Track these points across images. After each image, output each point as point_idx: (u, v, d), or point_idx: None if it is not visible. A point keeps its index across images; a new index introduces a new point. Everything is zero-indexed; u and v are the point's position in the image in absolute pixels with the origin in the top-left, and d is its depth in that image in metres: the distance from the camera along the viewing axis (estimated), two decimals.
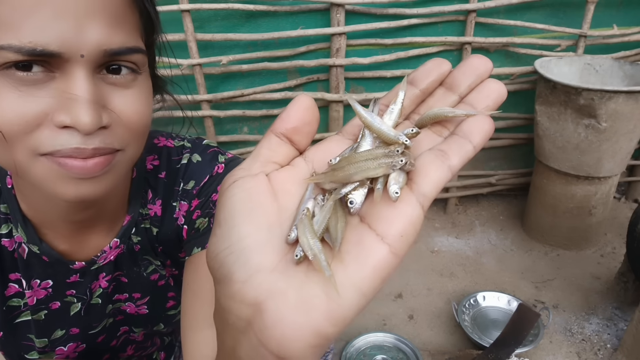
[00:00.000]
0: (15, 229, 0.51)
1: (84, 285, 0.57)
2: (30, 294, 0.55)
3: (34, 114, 0.37)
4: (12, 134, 0.37)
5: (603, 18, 1.64)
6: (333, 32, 1.47)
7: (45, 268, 0.54)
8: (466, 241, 1.74)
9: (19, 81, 0.36)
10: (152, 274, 0.61)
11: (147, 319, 0.64)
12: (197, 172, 0.57)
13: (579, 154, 1.47)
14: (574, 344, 1.27)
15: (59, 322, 0.58)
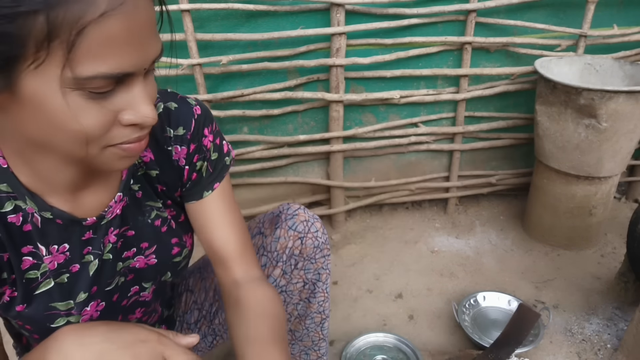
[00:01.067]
0: (23, 202, 0.55)
1: (97, 240, 0.62)
2: (50, 259, 0.59)
3: (110, 120, 0.46)
4: (93, 138, 0.46)
5: (603, 18, 1.64)
6: (333, 32, 1.47)
7: (60, 232, 0.58)
8: (466, 241, 1.74)
9: (98, 97, 0.44)
10: (155, 219, 0.67)
11: (156, 269, 0.70)
12: (182, 118, 0.64)
13: (579, 154, 1.47)
14: (574, 344, 1.27)
15: (80, 284, 0.62)
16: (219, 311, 0.90)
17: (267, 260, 0.83)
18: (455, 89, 1.68)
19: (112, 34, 0.41)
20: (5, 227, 0.54)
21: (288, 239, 0.81)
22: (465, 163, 1.85)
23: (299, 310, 0.90)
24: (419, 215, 1.90)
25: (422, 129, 1.73)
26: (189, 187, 0.68)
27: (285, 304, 0.88)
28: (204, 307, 0.91)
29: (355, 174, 1.81)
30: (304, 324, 0.93)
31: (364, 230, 1.81)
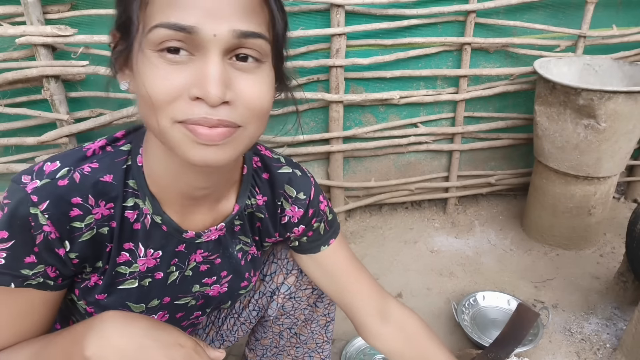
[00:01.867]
0: (143, 202, 0.59)
1: (185, 255, 0.66)
2: (144, 261, 0.63)
3: (176, 87, 0.46)
4: (158, 102, 0.47)
5: (602, 18, 1.64)
6: (333, 32, 1.47)
7: (161, 238, 0.62)
8: (466, 241, 1.74)
9: (170, 61, 0.46)
10: (239, 251, 0.72)
11: (223, 297, 0.75)
12: (303, 185, 0.72)
13: (579, 154, 1.47)
14: (573, 344, 1.27)
15: (157, 291, 0.66)
16: (227, 317, 0.91)
17: (278, 268, 0.85)
18: (455, 89, 1.68)
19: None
20: (121, 220, 0.59)
21: None
22: (464, 163, 1.85)
23: (305, 314, 0.91)
24: (418, 215, 1.90)
25: (422, 129, 1.73)
26: (307, 242, 0.76)
27: (293, 309, 0.89)
28: (212, 312, 0.92)
29: (355, 174, 1.81)
30: (310, 327, 0.94)
31: (363, 230, 1.81)
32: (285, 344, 0.96)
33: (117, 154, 0.58)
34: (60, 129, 1.43)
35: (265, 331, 0.95)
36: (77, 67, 1.35)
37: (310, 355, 0.99)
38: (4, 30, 1.29)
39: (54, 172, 0.54)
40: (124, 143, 0.59)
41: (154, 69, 0.46)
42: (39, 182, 0.53)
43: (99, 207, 0.57)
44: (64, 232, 0.55)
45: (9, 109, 1.40)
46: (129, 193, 0.58)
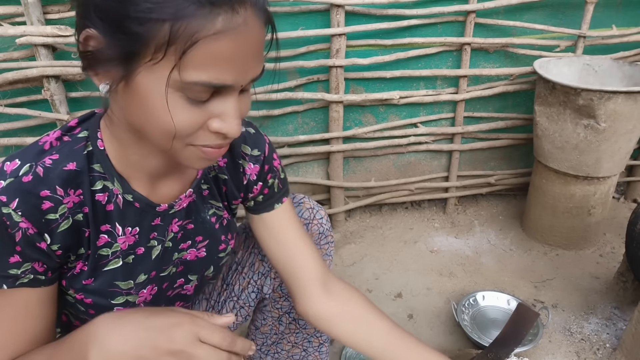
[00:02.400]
0: (111, 184, 0.61)
1: (163, 228, 0.68)
2: (124, 239, 0.64)
3: (200, 122, 0.51)
4: (180, 135, 0.51)
5: (602, 19, 1.64)
6: (333, 32, 1.47)
7: (136, 215, 0.64)
8: (465, 241, 1.74)
9: (195, 100, 0.49)
10: (212, 216, 0.73)
11: (203, 262, 0.75)
12: (258, 142, 0.73)
13: (578, 154, 1.47)
14: (573, 344, 1.28)
15: (142, 266, 0.67)
16: (227, 300, 0.93)
17: None
18: (455, 89, 1.68)
19: (220, 50, 0.46)
20: (92, 204, 0.60)
21: None
22: (464, 163, 1.85)
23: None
24: (418, 215, 1.90)
25: (422, 129, 1.73)
26: (262, 201, 0.76)
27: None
28: (212, 296, 0.94)
29: (355, 174, 1.81)
30: None
31: (363, 230, 1.82)
32: (284, 330, 0.97)
33: (76, 142, 0.59)
34: None
35: (265, 317, 0.96)
36: (77, 67, 1.35)
37: (310, 340, 1.00)
38: (5, 30, 1.29)
39: (16, 170, 0.54)
40: (80, 131, 0.60)
41: (176, 106, 0.49)
42: (3, 182, 0.53)
43: (69, 195, 0.57)
44: (40, 225, 0.55)
45: (9, 109, 1.40)
46: (95, 177, 0.59)
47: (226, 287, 0.92)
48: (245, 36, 0.48)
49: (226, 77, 0.48)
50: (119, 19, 0.46)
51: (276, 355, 1.01)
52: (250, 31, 0.48)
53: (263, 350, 1.01)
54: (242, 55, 0.48)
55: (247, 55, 0.49)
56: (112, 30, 0.47)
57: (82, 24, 0.49)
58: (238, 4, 0.46)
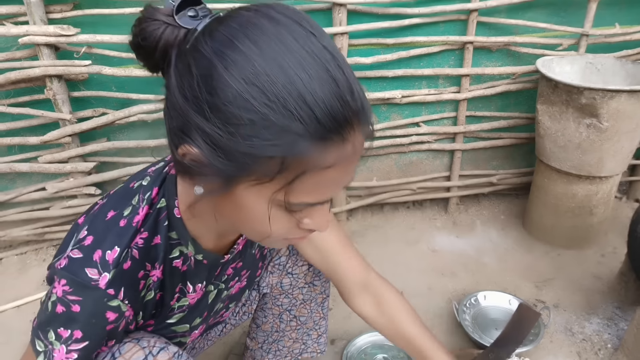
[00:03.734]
0: (186, 248, 0.62)
1: (222, 274, 0.71)
2: (193, 296, 0.67)
3: (294, 225, 0.53)
4: (276, 236, 0.53)
5: (605, 17, 1.63)
6: (335, 31, 1.47)
7: (204, 271, 0.67)
8: (467, 240, 1.74)
9: (293, 212, 0.51)
10: (256, 249, 0.77)
11: (243, 290, 0.80)
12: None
13: (581, 154, 1.47)
14: (574, 344, 1.27)
15: (199, 311, 0.71)
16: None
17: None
18: (457, 88, 1.68)
19: (328, 178, 0.47)
20: (170, 270, 0.62)
21: None
22: (466, 162, 1.85)
23: (304, 294, 0.94)
24: (420, 215, 1.90)
25: (424, 128, 1.73)
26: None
27: (291, 287, 0.92)
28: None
29: (356, 174, 1.81)
30: (309, 307, 0.97)
31: (365, 230, 1.82)
32: (285, 328, 0.98)
33: (158, 214, 0.59)
34: (63, 128, 1.44)
35: (266, 315, 0.97)
36: (80, 66, 1.36)
37: (309, 334, 1.02)
38: (7, 29, 1.29)
39: (117, 259, 0.54)
40: (158, 199, 0.60)
41: (274, 216, 0.50)
42: (108, 274, 0.53)
43: (155, 269, 0.60)
44: (137, 307, 0.58)
45: (12, 109, 1.41)
46: (173, 245, 0.61)
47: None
48: (353, 160, 0.48)
49: (329, 196, 0.50)
50: (228, 149, 0.44)
51: (277, 353, 1.02)
52: (357, 153, 0.48)
53: (264, 349, 1.02)
54: (347, 177, 0.49)
55: (351, 173, 0.50)
56: (217, 155, 0.44)
57: (180, 136, 0.46)
58: (348, 133, 0.45)
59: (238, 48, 0.42)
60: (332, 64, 0.43)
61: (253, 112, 0.42)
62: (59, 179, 1.55)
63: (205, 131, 0.44)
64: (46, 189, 1.52)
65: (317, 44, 0.44)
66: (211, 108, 0.43)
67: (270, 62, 0.42)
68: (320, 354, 1.05)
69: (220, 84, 0.42)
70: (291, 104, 0.42)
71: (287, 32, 0.43)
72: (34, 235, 1.64)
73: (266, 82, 0.41)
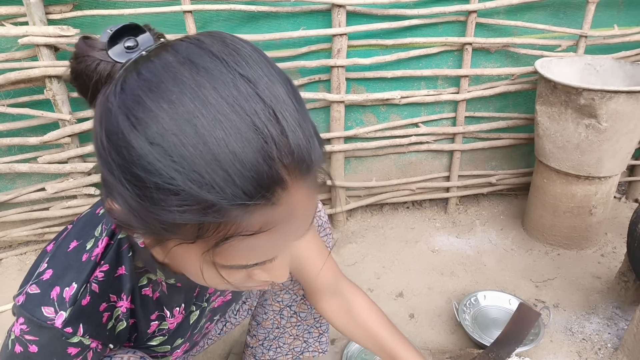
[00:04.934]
0: (154, 274, 0.61)
1: (201, 294, 0.69)
2: (172, 320, 0.66)
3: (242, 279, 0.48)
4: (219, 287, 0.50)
5: (604, 18, 1.64)
6: (334, 32, 1.48)
7: (179, 294, 0.65)
8: (467, 240, 1.74)
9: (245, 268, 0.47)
10: None
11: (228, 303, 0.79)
12: None
13: (580, 154, 1.47)
14: (574, 343, 1.28)
15: (181, 332, 0.69)
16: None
17: None
18: (456, 89, 1.68)
19: (262, 243, 0.42)
20: (141, 299, 0.60)
21: None
22: (465, 163, 1.85)
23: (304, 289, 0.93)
24: (419, 215, 1.90)
25: (423, 129, 1.73)
26: None
27: (292, 283, 0.92)
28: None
29: (356, 174, 1.81)
30: (309, 304, 0.96)
31: (364, 230, 1.82)
32: (285, 324, 0.98)
33: (119, 245, 0.57)
34: (63, 128, 1.44)
35: (266, 312, 0.97)
36: None
37: (310, 331, 1.01)
38: (7, 30, 1.30)
39: (74, 296, 0.52)
40: (119, 230, 0.57)
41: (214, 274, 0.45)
42: (65, 313, 0.51)
43: (122, 300, 0.58)
44: (105, 338, 0.56)
45: (11, 109, 1.41)
46: (140, 274, 0.59)
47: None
48: (293, 218, 0.42)
49: (268, 255, 0.45)
50: (140, 212, 0.40)
51: (278, 350, 1.03)
52: (300, 209, 0.42)
53: (265, 346, 1.02)
54: (292, 233, 0.44)
55: (298, 228, 0.44)
56: (133, 216, 0.41)
57: (106, 189, 0.43)
58: (279, 195, 0.39)
59: (145, 104, 0.37)
60: (261, 115, 0.37)
61: (157, 175, 0.37)
62: (59, 180, 1.55)
63: (118, 191, 0.40)
64: (46, 189, 1.52)
65: (246, 91, 0.38)
66: (119, 167, 0.39)
67: (180, 120, 0.36)
68: (322, 353, 1.05)
69: (124, 143, 0.38)
70: (201, 167, 0.36)
71: (208, 79, 0.37)
72: (34, 236, 1.64)
73: (173, 142, 0.36)
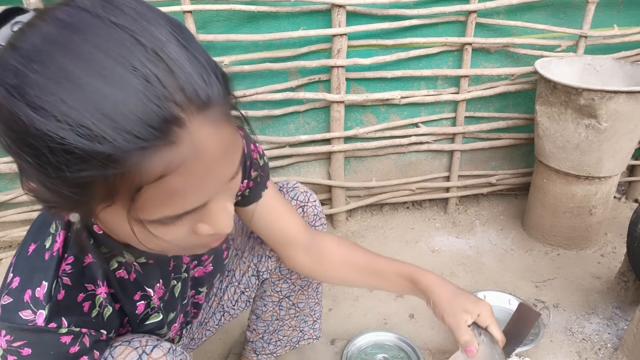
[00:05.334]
0: (122, 257, 0.60)
1: (178, 266, 0.70)
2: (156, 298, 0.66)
3: (183, 235, 0.47)
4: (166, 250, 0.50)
5: (603, 18, 1.64)
6: (334, 33, 1.48)
7: (154, 270, 0.65)
8: (467, 241, 1.74)
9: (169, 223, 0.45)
10: None
11: (211, 275, 0.79)
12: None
13: (579, 154, 1.47)
14: (574, 344, 1.28)
15: (171, 306, 0.70)
16: (229, 287, 0.95)
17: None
18: (456, 89, 1.68)
19: (173, 188, 0.40)
20: (118, 282, 0.60)
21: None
22: (465, 163, 1.85)
23: (302, 279, 0.95)
24: (419, 215, 1.90)
25: (423, 129, 1.73)
26: (249, 195, 0.75)
27: (289, 271, 0.93)
28: (214, 284, 0.96)
29: (356, 174, 1.81)
30: (306, 293, 0.97)
31: (364, 230, 1.82)
32: (284, 316, 0.99)
33: (78, 235, 0.56)
34: None
35: (265, 303, 0.98)
36: None
37: (305, 321, 1.03)
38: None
39: (47, 294, 0.52)
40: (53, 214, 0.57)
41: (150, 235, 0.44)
42: (44, 311, 0.51)
43: (100, 286, 0.57)
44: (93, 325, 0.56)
45: None
46: (108, 258, 0.59)
47: (227, 274, 0.94)
48: (201, 160, 0.41)
49: (193, 201, 0.43)
50: (47, 183, 0.39)
51: (278, 343, 1.03)
52: (205, 149, 0.40)
53: (265, 339, 1.03)
54: (202, 177, 0.42)
55: (208, 173, 0.42)
56: (46, 190, 0.40)
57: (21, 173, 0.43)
58: (176, 132, 0.38)
59: (20, 71, 0.37)
60: (141, 57, 0.37)
61: (48, 139, 0.36)
62: None
63: (24, 168, 0.40)
64: None
65: (121, 37, 0.37)
66: (15, 142, 0.38)
67: (55, 78, 0.36)
68: (316, 339, 1.07)
69: (10, 115, 0.37)
70: (87, 120, 0.36)
71: (79, 34, 0.37)
72: None
73: (53, 102, 0.36)
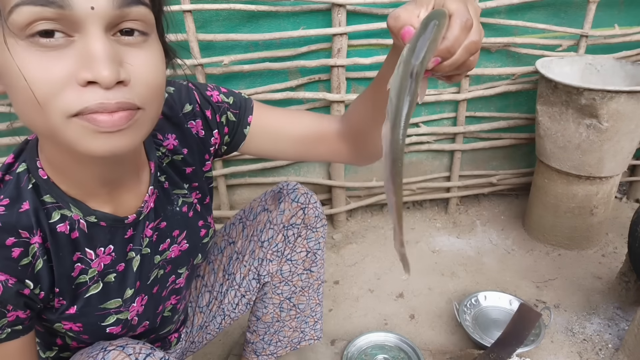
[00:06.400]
0: (68, 210, 0.56)
1: (137, 237, 0.64)
2: (97, 262, 0.61)
3: (59, 75, 0.41)
4: (43, 97, 0.42)
5: (604, 18, 1.64)
6: (334, 32, 1.47)
7: (105, 234, 0.60)
8: (467, 241, 1.74)
9: (44, 47, 0.41)
10: (182, 206, 0.71)
11: (189, 253, 0.74)
12: (183, 96, 0.67)
13: (581, 154, 1.47)
14: (575, 344, 1.27)
15: (126, 281, 0.65)
16: (229, 290, 0.94)
17: (274, 233, 0.89)
18: (456, 89, 1.68)
19: None
20: (56, 237, 0.56)
21: (292, 210, 0.87)
22: (466, 163, 1.85)
23: (302, 280, 0.94)
24: (420, 215, 1.90)
25: (423, 129, 1.73)
26: (230, 139, 0.72)
27: (291, 274, 0.92)
28: (215, 288, 0.95)
29: (356, 174, 1.81)
30: (307, 295, 0.97)
31: (365, 230, 1.81)
32: (285, 317, 0.99)
33: (19, 179, 0.54)
34: None
35: (266, 305, 0.97)
36: None
37: (306, 322, 1.02)
38: None
39: None
40: (18, 165, 0.55)
41: (27, 60, 0.41)
42: None
43: (35, 235, 0.54)
44: (18, 274, 0.52)
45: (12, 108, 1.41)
46: (50, 209, 0.55)
47: (227, 277, 0.94)
48: None
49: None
50: None
51: (278, 344, 1.03)
52: None
53: (266, 340, 1.02)
54: None
55: None
56: None
57: None
58: None
59: None
60: None
61: None
62: None
63: None
64: None
65: None
66: None
67: None
68: (317, 340, 1.06)
69: None
70: None
71: None
72: None
73: None
